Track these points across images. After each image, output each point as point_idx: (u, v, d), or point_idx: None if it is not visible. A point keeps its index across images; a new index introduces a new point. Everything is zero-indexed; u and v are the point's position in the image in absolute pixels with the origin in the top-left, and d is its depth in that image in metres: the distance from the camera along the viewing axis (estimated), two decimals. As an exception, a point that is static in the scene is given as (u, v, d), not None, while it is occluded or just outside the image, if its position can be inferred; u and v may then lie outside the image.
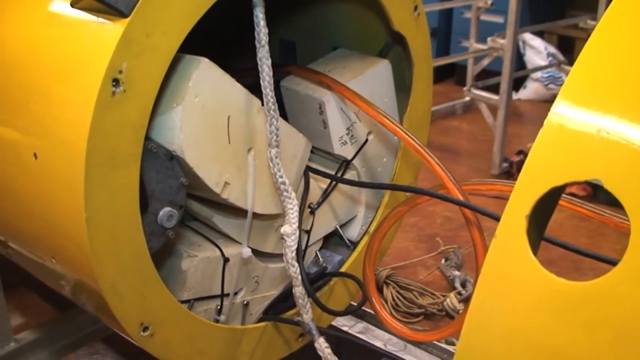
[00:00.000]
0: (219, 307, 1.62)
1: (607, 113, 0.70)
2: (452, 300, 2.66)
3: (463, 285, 2.79)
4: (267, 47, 1.43)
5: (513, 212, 0.73)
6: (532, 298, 0.69)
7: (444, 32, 5.31)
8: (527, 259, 0.70)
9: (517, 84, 5.00)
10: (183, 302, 1.53)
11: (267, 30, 1.42)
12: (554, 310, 0.67)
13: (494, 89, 4.01)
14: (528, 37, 4.95)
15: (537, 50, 4.97)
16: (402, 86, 1.84)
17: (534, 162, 0.73)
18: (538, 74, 4.94)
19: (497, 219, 0.83)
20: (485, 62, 4.42)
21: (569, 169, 0.70)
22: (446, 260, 2.98)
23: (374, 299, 1.64)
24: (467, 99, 4.77)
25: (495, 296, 0.73)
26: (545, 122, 0.74)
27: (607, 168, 0.67)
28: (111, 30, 1.20)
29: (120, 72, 1.19)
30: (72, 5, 1.24)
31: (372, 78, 1.76)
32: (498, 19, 4.73)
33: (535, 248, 0.72)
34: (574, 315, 0.65)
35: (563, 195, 1.34)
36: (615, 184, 0.66)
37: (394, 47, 1.83)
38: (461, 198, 1.47)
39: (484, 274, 0.73)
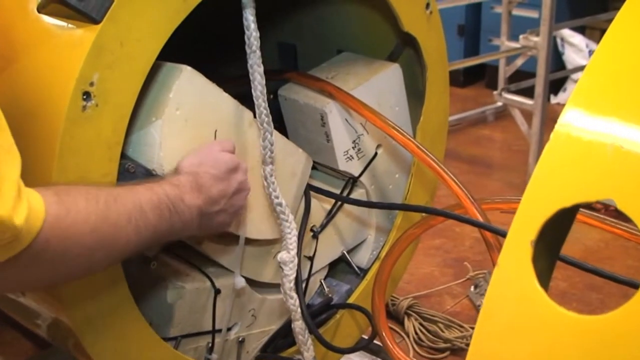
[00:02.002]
0: (210, 344, 1.62)
1: (622, 124, 0.70)
2: (481, 333, 2.64)
3: (494, 316, 2.77)
4: (258, 52, 1.44)
5: (516, 238, 0.73)
6: (539, 335, 0.69)
7: (472, 29, 5.30)
8: (532, 290, 0.69)
9: (556, 86, 4.97)
10: (169, 339, 1.53)
11: (258, 34, 1.43)
12: (562, 349, 0.67)
13: (529, 92, 4.00)
14: (567, 33, 4.93)
15: (578, 48, 4.95)
16: (415, 93, 1.84)
17: (539, 180, 0.72)
18: (579, 75, 4.91)
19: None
20: (518, 62, 4.41)
21: (578, 187, 0.70)
22: (476, 287, 2.96)
23: (384, 333, 1.64)
24: (499, 104, 4.74)
25: (497, 334, 0.72)
26: (552, 134, 0.73)
27: (621, 186, 0.67)
28: (81, 37, 1.22)
29: (92, 84, 1.21)
30: (38, 10, 1.26)
31: (381, 85, 1.77)
32: (532, 14, 4.72)
33: (543, 277, 0.72)
34: (586, 355, 0.65)
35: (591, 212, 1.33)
36: (630, 204, 0.65)
37: (404, 50, 1.84)
38: (480, 218, 1.47)
39: (485, 308, 0.73)
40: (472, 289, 2.96)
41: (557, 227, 0.76)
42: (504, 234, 1.38)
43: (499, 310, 0.74)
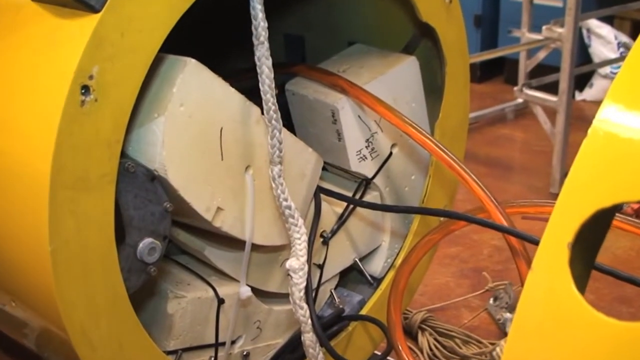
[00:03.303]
0: (212, 358, 1.65)
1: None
2: (502, 349, 2.66)
3: (516, 330, 2.79)
4: (266, 44, 1.46)
5: (553, 240, 0.75)
6: (576, 342, 0.71)
7: (490, 19, 5.33)
8: (569, 295, 0.72)
9: (582, 81, 4.99)
10: (169, 353, 1.56)
11: (266, 25, 1.46)
12: (600, 356, 0.69)
13: (552, 88, 4.02)
14: (594, 24, 4.95)
15: (606, 40, 4.97)
16: (433, 88, 1.87)
17: (576, 179, 0.75)
18: (607, 69, 4.94)
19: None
20: (541, 55, 4.43)
21: (617, 187, 0.72)
22: (495, 299, 2.98)
23: (401, 347, 1.66)
24: (520, 100, 4.76)
25: (531, 341, 0.75)
26: (590, 131, 0.76)
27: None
28: (80, 28, 1.24)
29: (91, 77, 1.23)
30: (34, -2, 1.29)
31: (396, 79, 1.80)
32: (556, 3, 4.75)
33: (580, 282, 0.74)
34: (627, 362, 0.67)
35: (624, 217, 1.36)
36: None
37: (422, 41, 1.87)
38: (504, 223, 1.50)
39: (519, 314, 0.75)
40: (491, 301, 2.97)
41: (594, 229, 0.78)
42: (530, 240, 1.41)
43: (534, 315, 0.76)
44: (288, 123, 1.78)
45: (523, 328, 0.76)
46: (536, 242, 1.36)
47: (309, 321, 1.58)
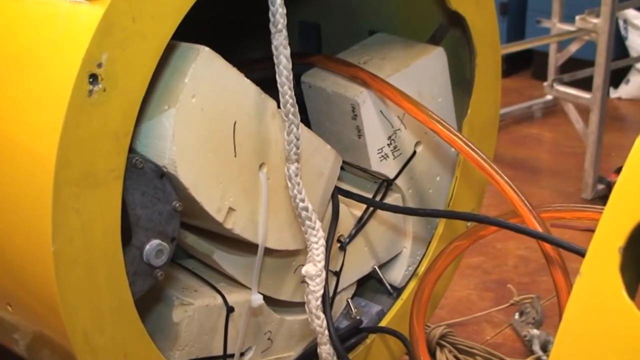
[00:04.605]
0: (220, 371, 1.68)
1: None
2: (529, 368, 2.69)
3: (544, 348, 2.82)
4: (285, 32, 1.49)
5: (603, 243, 0.78)
6: (626, 350, 0.74)
7: (517, 8, 5.36)
8: (620, 302, 0.75)
9: (617, 77, 5.01)
10: (174, 364, 1.59)
11: (284, 11, 1.48)
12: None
13: (585, 84, 4.04)
14: (632, 14, 4.97)
15: (645, 32, 4.99)
16: (461, 82, 1.90)
17: (629, 179, 0.78)
18: (645, 64, 4.97)
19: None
20: (573, 48, 4.45)
21: (673, 187, 0.76)
22: (521, 314, 3.00)
23: (424, 363, 1.69)
24: (549, 97, 4.79)
25: (579, 348, 0.78)
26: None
27: None
28: (88, 12, 1.27)
29: (100, 65, 1.26)
30: (39, -20, 1.32)
31: (422, 72, 1.83)
32: (590, -9, 4.77)
33: (631, 288, 0.77)
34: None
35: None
36: None
37: (449, 31, 1.89)
38: (539, 229, 1.53)
39: (566, 321, 0.79)
40: (516, 316, 2.99)
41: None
42: (568, 248, 1.44)
43: (582, 322, 0.79)
44: (303, 117, 1.81)
45: (570, 335, 0.80)
46: (574, 250, 1.40)
47: (326, 332, 1.61)
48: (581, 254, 1.39)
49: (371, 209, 1.85)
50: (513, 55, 5.04)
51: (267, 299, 1.71)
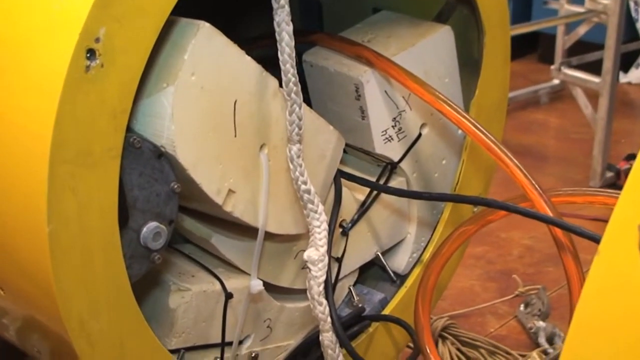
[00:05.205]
0: (218, 359, 1.69)
1: None
2: (534, 361, 2.71)
3: (550, 340, 2.83)
4: (287, 8, 1.50)
5: (621, 220, 0.80)
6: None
7: (523, -12, 5.36)
8: (639, 279, 0.76)
9: (627, 61, 5.03)
10: (170, 352, 1.59)
11: (288, -16, 1.49)
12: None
13: (594, 67, 4.05)
14: (642, -5, 4.99)
15: (656, 14, 5.00)
16: (469, 62, 1.91)
17: (649, 155, 0.79)
18: (656, 47, 4.98)
19: (600, 241, 0.88)
20: (581, 30, 4.46)
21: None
22: (527, 306, 3.01)
23: (430, 352, 1.71)
24: (556, 81, 4.81)
25: (596, 328, 0.79)
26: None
27: None
28: (86, -16, 1.28)
29: (97, 40, 1.27)
30: (33, -49, 1.33)
31: (428, 51, 1.83)
32: (600, -30, 4.78)
33: (650, 267, 0.79)
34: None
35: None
36: None
37: (457, 9, 1.90)
38: (550, 213, 1.54)
39: (583, 300, 0.80)
40: (521, 308, 3.00)
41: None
42: (581, 233, 1.46)
43: (600, 302, 0.81)
44: (305, 98, 1.82)
45: (587, 315, 0.81)
46: (587, 235, 1.41)
47: (329, 319, 1.62)
48: (594, 239, 1.41)
49: (375, 192, 1.86)
50: (519, 38, 5.03)
51: (266, 285, 1.72)
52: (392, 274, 1.96)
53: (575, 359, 0.82)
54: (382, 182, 1.87)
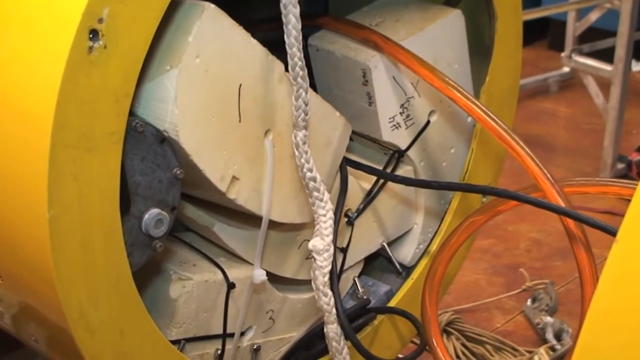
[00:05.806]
0: (219, 352, 1.71)
1: None
2: (541, 357, 2.72)
3: (558, 336, 2.85)
4: (294, -12, 1.51)
5: (641, 209, 0.81)
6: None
7: (533, -28, 5.37)
8: (659, 269, 0.78)
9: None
10: (170, 342, 1.61)
11: (294, -36, 1.50)
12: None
13: (606, 55, 4.06)
14: (657, -19, 5.00)
15: (670, 1, 5.01)
16: (479, 48, 1.92)
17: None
18: (670, 35, 4.99)
19: (614, 233, 0.90)
20: (593, 16, 4.46)
21: None
22: (534, 301, 3.03)
23: (437, 346, 1.72)
24: (566, 69, 4.81)
25: (615, 318, 0.81)
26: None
27: None
28: (89, -38, 1.29)
29: (100, 20, 1.28)
30: None
31: (437, 36, 1.84)
32: (613, -46, 4.79)
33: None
34: None
35: None
36: None
37: (468, -8, 1.92)
38: (562, 204, 1.56)
39: (600, 290, 0.82)
40: (528, 302, 3.02)
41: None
42: (594, 224, 1.47)
43: (618, 290, 0.83)
44: (311, 83, 1.82)
45: (605, 303, 0.83)
46: (601, 227, 1.43)
47: (334, 310, 1.64)
48: (608, 231, 1.42)
49: (381, 181, 1.87)
50: (528, 24, 5.02)
51: (269, 276, 1.73)
52: (398, 266, 1.97)
53: (591, 350, 0.84)
54: (389, 170, 1.88)
